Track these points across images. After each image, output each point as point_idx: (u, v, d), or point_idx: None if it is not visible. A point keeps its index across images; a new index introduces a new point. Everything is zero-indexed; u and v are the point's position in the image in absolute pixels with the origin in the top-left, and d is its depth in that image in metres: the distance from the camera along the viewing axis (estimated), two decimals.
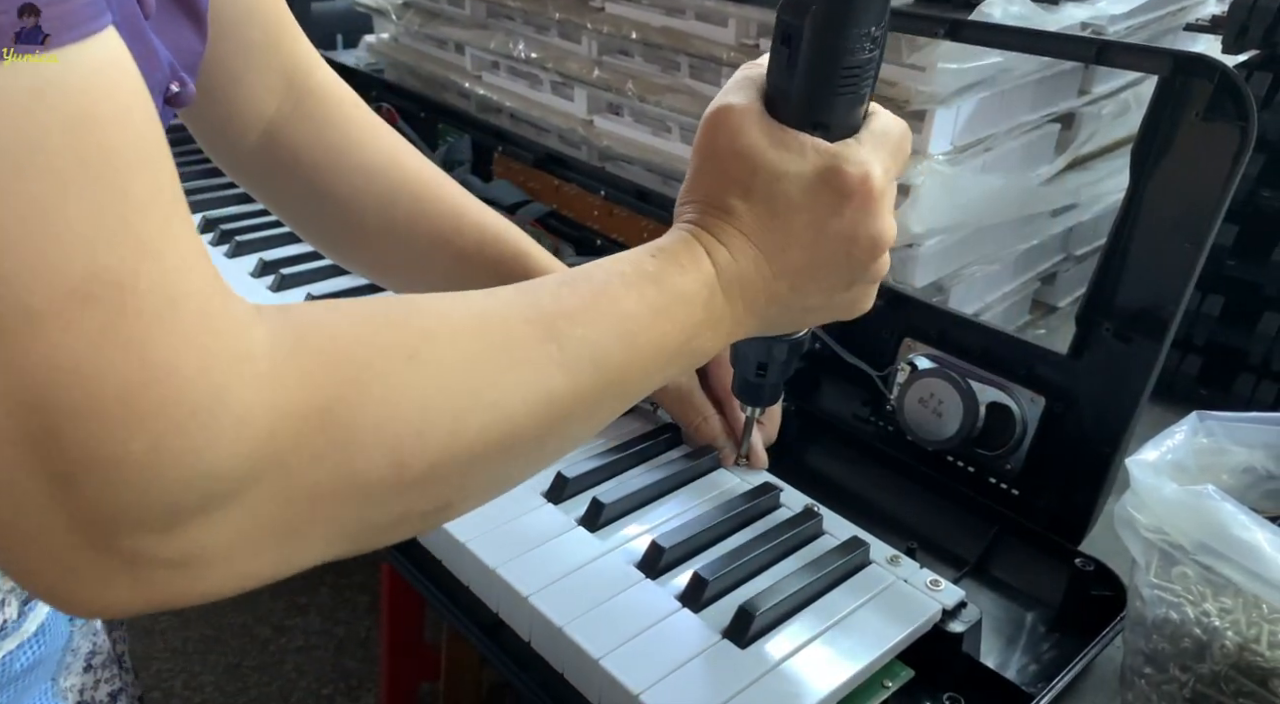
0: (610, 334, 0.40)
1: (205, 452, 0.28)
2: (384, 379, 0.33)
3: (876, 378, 0.79)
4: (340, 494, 0.32)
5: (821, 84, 0.44)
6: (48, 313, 0.26)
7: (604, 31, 1.00)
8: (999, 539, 0.69)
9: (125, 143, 0.28)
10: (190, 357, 0.28)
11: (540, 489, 0.67)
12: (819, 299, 0.48)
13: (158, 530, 0.29)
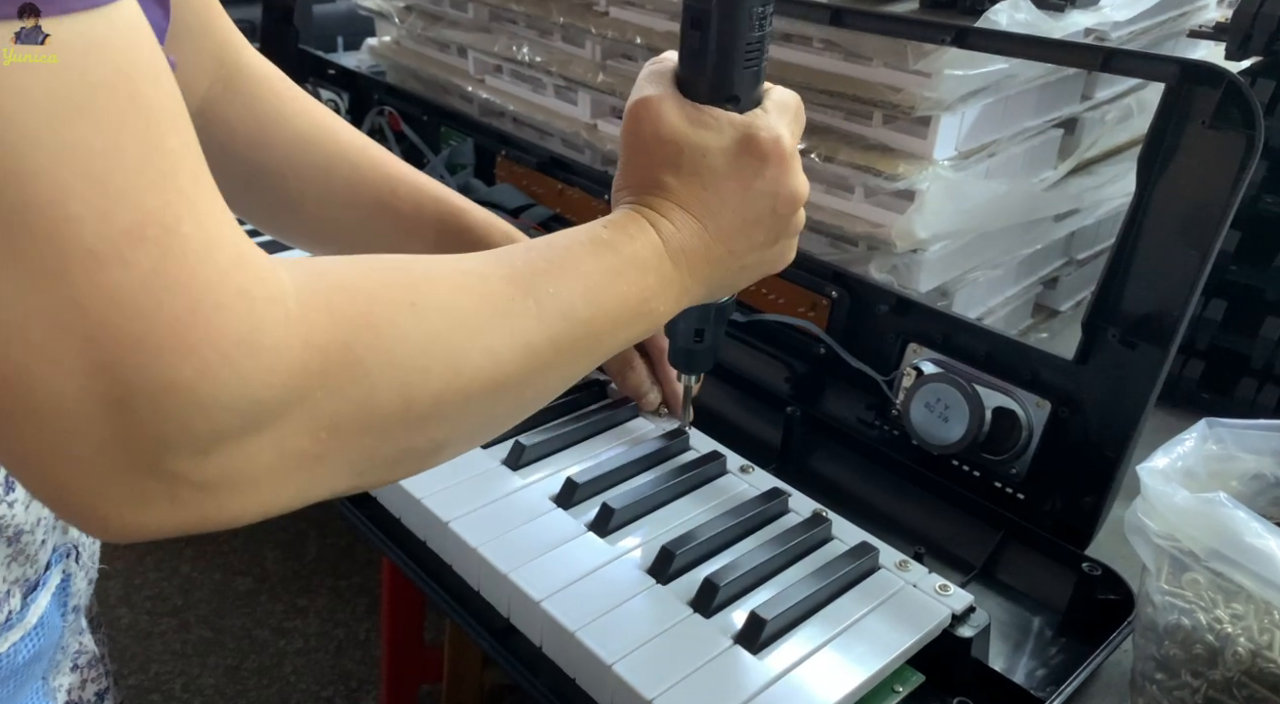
0: (576, 292, 0.44)
1: (245, 380, 0.31)
2: (392, 324, 0.36)
3: (882, 382, 0.79)
4: (356, 426, 0.35)
5: (730, 60, 0.50)
6: (106, 253, 0.29)
7: (608, 36, 1.00)
8: (1005, 543, 0.69)
9: (160, 99, 0.31)
10: (230, 295, 0.31)
11: (550, 494, 0.67)
12: (752, 257, 0.53)
13: (199, 454, 0.31)
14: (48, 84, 0.28)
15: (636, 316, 0.48)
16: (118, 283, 0.29)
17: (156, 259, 0.30)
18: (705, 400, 0.88)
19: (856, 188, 0.84)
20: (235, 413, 0.31)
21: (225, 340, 0.31)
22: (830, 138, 0.87)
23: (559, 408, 0.76)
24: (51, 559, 0.54)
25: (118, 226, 0.29)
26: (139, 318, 0.29)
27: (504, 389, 0.41)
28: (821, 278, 0.83)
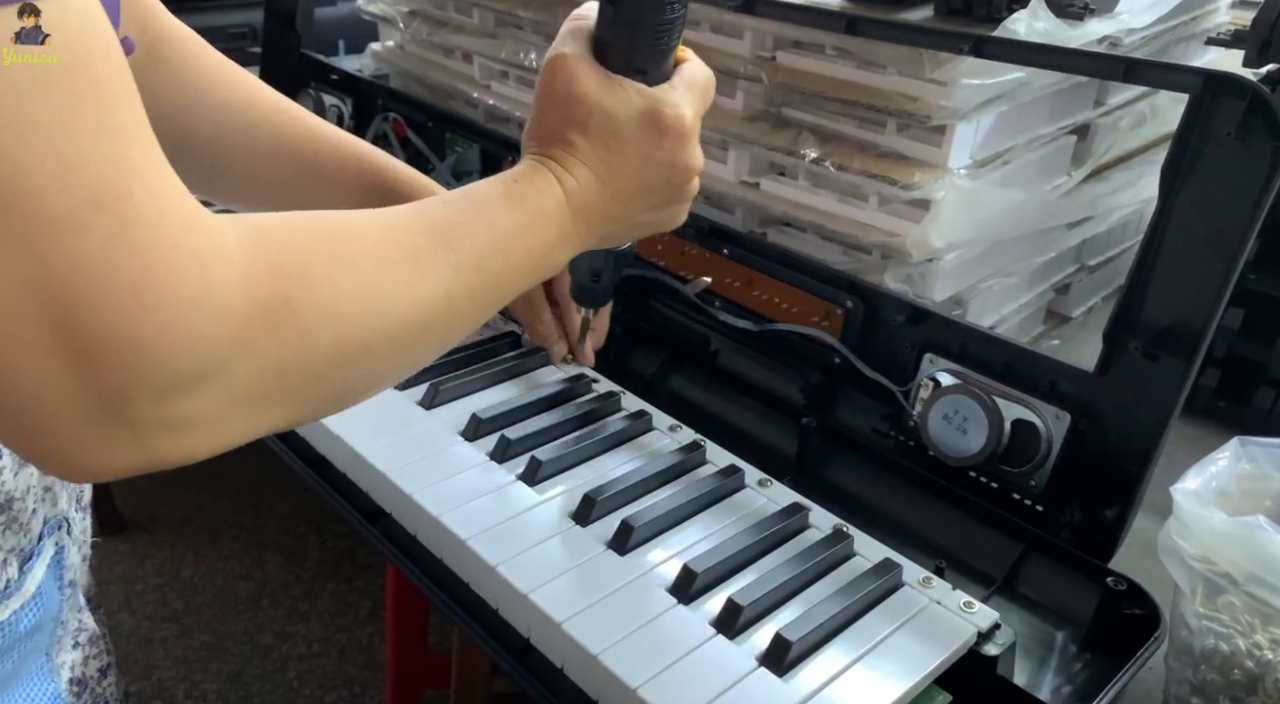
0: (489, 244, 0.48)
1: (198, 334, 0.35)
2: (328, 278, 0.40)
3: (898, 393, 0.78)
4: (298, 370, 0.39)
5: (640, 38, 0.53)
6: (67, 219, 0.31)
7: None
8: (1025, 556, 0.69)
9: (112, 77, 0.33)
10: (181, 257, 0.34)
11: (568, 511, 0.67)
12: (646, 216, 0.58)
13: (159, 400, 0.35)
14: (10, 68, 0.31)
15: (539, 267, 0.52)
16: (78, 248, 0.32)
17: (113, 226, 0.32)
18: (719, 411, 0.87)
19: (871, 196, 0.83)
20: (190, 363, 0.35)
21: (179, 299, 0.34)
22: (843, 145, 0.86)
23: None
24: (44, 531, 0.56)
25: (77, 196, 0.32)
26: (99, 280, 0.32)
27: (427, 331, 0.45)
28: (836, 287, 0.83)
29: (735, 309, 0.91)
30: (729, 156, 0.93)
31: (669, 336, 0.95)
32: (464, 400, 0.80)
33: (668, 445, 0.75)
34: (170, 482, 2.21)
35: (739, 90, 0.92)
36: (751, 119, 0.93)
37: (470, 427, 0.75)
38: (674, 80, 0.56)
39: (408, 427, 0.76)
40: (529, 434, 0.73)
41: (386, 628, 1.45)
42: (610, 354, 0.95)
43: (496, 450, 0.73)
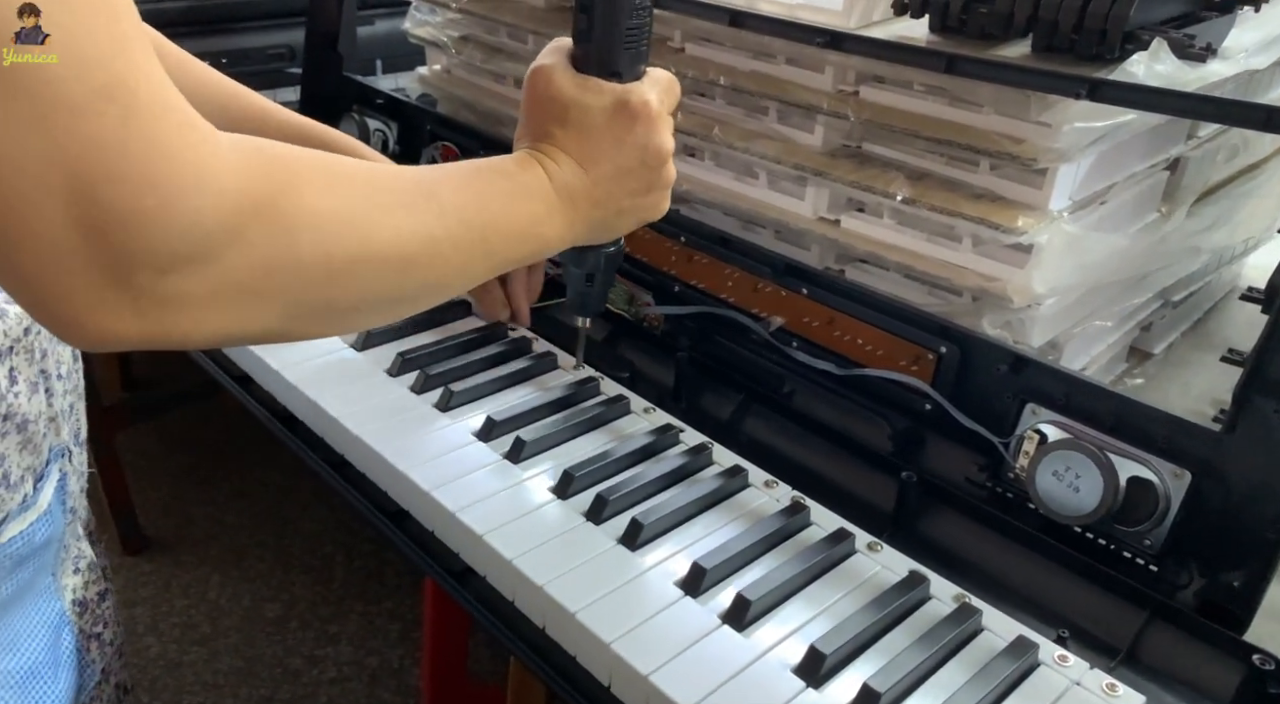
0: (474, 204, 0.53)
1: (195, 212, 0.39)
2: (314, 191, 0.45)
3: (999, 445, 0.76)
4: (284, 270, 0.43)
5: (611, 42, 0.60)
6: (82, 106, 0.36)
7: (688, 75, 0.96)
8: (1150, 624, 0.66)
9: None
10: (181, 146, 0.39)
11: (676, 578, 0.64)
12: (628, 202, 0.63)
13: (158, 272, 0.39)
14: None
15: (526, 236, 0.57)
16: (93, 130, 0.36)
17: (122, 113, 0.37)
18: (799, 457, 0.84)
19: (965, 238, 0.80)
20: (187, 240, 0.39)
21: (179, 180, 0.38)
22: (931, 184, 0.83)
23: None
24: (50, 456, 0.62)
25: (90, 87, 0.36)
26: (110, 158, 0.37)
27: (409, 266, 0.49)
28: (927, 331, 0.80)
29: (813, 349, 0.89)
30: (806, 192, 0.91)
31: (740, 376, 0.92)
32: (551, 451, 0.77)
33: (767, 506, 0.72)
34: (193, 500, 2.18)
35: (818, 125, 0.89)
36: (830, 154, 0.90)
37: (562, 483, 0.73)
38: (642, 79, 0.63)
39: (501, 478, 0.73)
40: (625, 493, 0.71)
41: (423, 658, 1.42)
42: (682, 394, 0.93)
43: (592, 509, 0.70)
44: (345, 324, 0.51)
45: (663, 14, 0.97)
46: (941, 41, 0.81)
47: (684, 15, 0.94)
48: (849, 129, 0.88)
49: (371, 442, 0.76)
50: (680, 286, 1.00)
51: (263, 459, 2.29)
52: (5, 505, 0.57)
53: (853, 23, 0.85)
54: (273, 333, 0.46)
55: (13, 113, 0.35)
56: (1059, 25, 0.72)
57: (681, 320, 0.99)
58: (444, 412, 0.81)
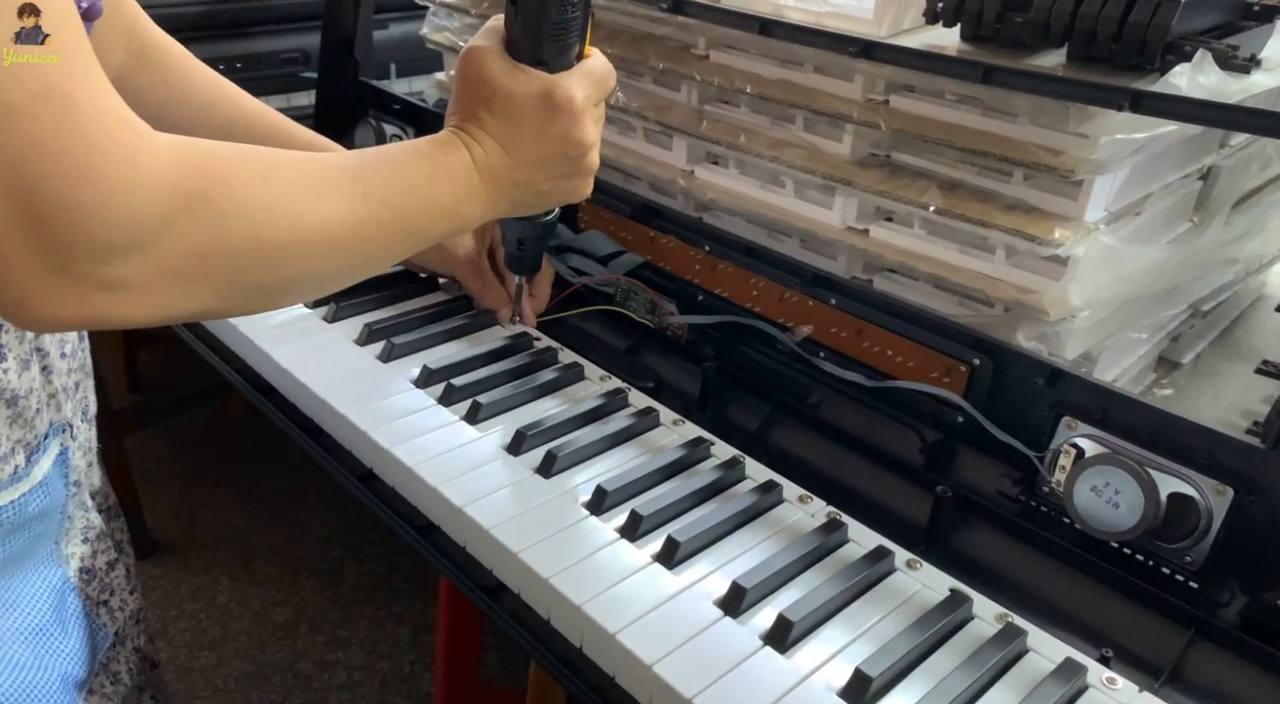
0: (398, 187, 0.56)
1: (128, 206, 0.43)
2: (245, 183, 0.48)
3: (1034, 459, 0.75)
4: (217, 256, 0.47)
5: (539, 34, 0.62)
6: (20, 108, 0.40)
7: (714, 83, 0.96)
8: (1194, 643, 0.65)
9: (55, 4, 0.41)
10: (115, 144, 0.43)
11: (715, 599, 0.63)
12: (549, 185, 0.65)
13: (98, 261, 0.43)
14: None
15: (448, 215, 0.60)
16: (30, 130, 0.40)
17: (58, 115, 0.41)
18: (827, 468, 0.84)
19: (998, 249, 0.80)
20: (123, 231, 0.43)
21: (113, 176, 0.42)
22: (962, 194, 0.82)
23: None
24: (49, 431, 0.64)
25: (27, 91, 0.40)
26: (47, 157, 0.40)
27: (335, 248, 0.53)
28: (959, 342, 0.79)
29: (841, 360, 0.88)
30: (835, 201, 0.90)
31: (766, 386, 0.91)
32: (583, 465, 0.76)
33: (803, 522, 0.71)
34: (201, 503, 2.18)
35: (847, 133, 0.88)
36: (859, 163, 0.89)
37: (595, 499, 0.72)
38: (572, 70, 0.64)
39: (533, 494, 0.72)
40: (661, 508, 0.70)
41: (436, 662, 1.41)
42: (708, 405, 0.92)
43: (627, 525, 0.69)
44: (275, 302, 0.55)
45: (687, 21, 0.96)
46: (973, 50, 0.81)
47: (710, 23, 0.93)
48: (878, 138, 0.88)
49: (404, 457, 0.75)
50: (704, 295, 0.99)
51: (270, 462, 2.28)
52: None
53: (883, 31, 0.84)
54: (208, 312, 0.50)
55: None
56: (1097, 35, 0.71)
57: (705, 329, 0.98)
58: (473, 424, 0.80)
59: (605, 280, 1.05)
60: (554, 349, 0.91)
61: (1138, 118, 0.69)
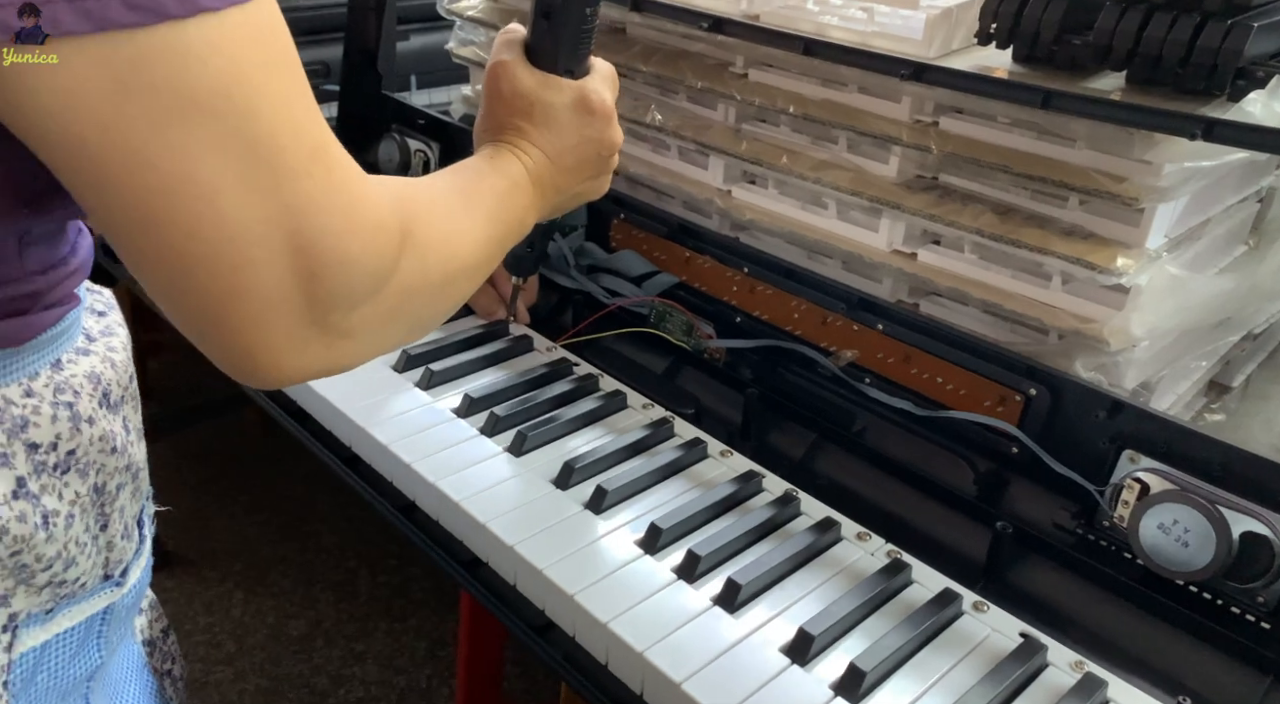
0: (495, 204, 0.59)
1: (379, 253, 0.45)
2: (430, 218, 0.50)
3: (1095, 492, 0.73)
4: (419, 291, 0.49)
5: (569, 44, 0.65)
6: (299, 169, 0.41)
7: (755, 103, 0.94)
8: (1273, 690, 0.63)
9: (296, 56, 0.42)
10: (363, 193, 0.44)
11: (782, 645, 0.61)
12: (582, 186, 0.69)
13: (350, 308, 0.44)
14: (259, 48, 0.39)
15: (520, 225, 0.63)
16: (309, 190, 0.41)
17: (325, 171, 0.42)
18: (878, 498, 0.82)
19: (1054, 276, 0.78)
20: (372, 277, 0.45)
21: (368, 225, 0.44)
22: (1013, 218, 0.81)
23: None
24: (144, 499, 0.62)
25: (304, 151, 0.41)
26: (322, 213, 0.41)
27: (480, 270, 0.57)
28: (1014, 371, 0.78)
29: (888, 386, 0.86)
30: (881, 224, 0.88)
31: (808, 412, 0.89)
32: (633, 499, 0.75)
33: (864, 562, 0.69)
34: (213, 514, 2.16)
35: (893, 155, 0.87)
36: (905, 185, 0.87)
37: (650, 537, 0.70)
38: (591, 75, 0.67)
39: (585, 531, 0.71)
40: (718, 548, 0.68)
41: (458, 679, 1.40)
42: (751, 432, 0.90)
43: (684, 565, 0.68)
44: (430, 330, 0.57)
45: (724, 39, 0.95)
46: (1027, 72, 0.79)
47: (752, 43, 0.91)
48: (925, 160, 0.86)
49: (450, 492, 0.73)
50: (742, 317, 0.97)
51: (281, 472, 2.27)
52: (125, 555, 0.57)
53: (932, 52, 0.82)
54: (391, 350, 0.53)
55: (251, 179, 0.39)
56: (1163, 59, 0.69)
57: (744, 352, 0.96)
58: (518, 456, 0.78)
59: (640, 302, 1.03)
60: (594, 376, 0.89)
61: (1204, 144, 0.68)
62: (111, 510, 0.54)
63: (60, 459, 0.49)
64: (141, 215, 0.39)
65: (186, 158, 0.38)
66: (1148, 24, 0.69)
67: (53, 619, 0.51)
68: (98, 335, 0.54)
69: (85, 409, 0.50)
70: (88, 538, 0.52)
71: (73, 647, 0.53)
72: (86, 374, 0.52)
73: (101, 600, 0.55)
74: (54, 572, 0.50)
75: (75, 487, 0.50)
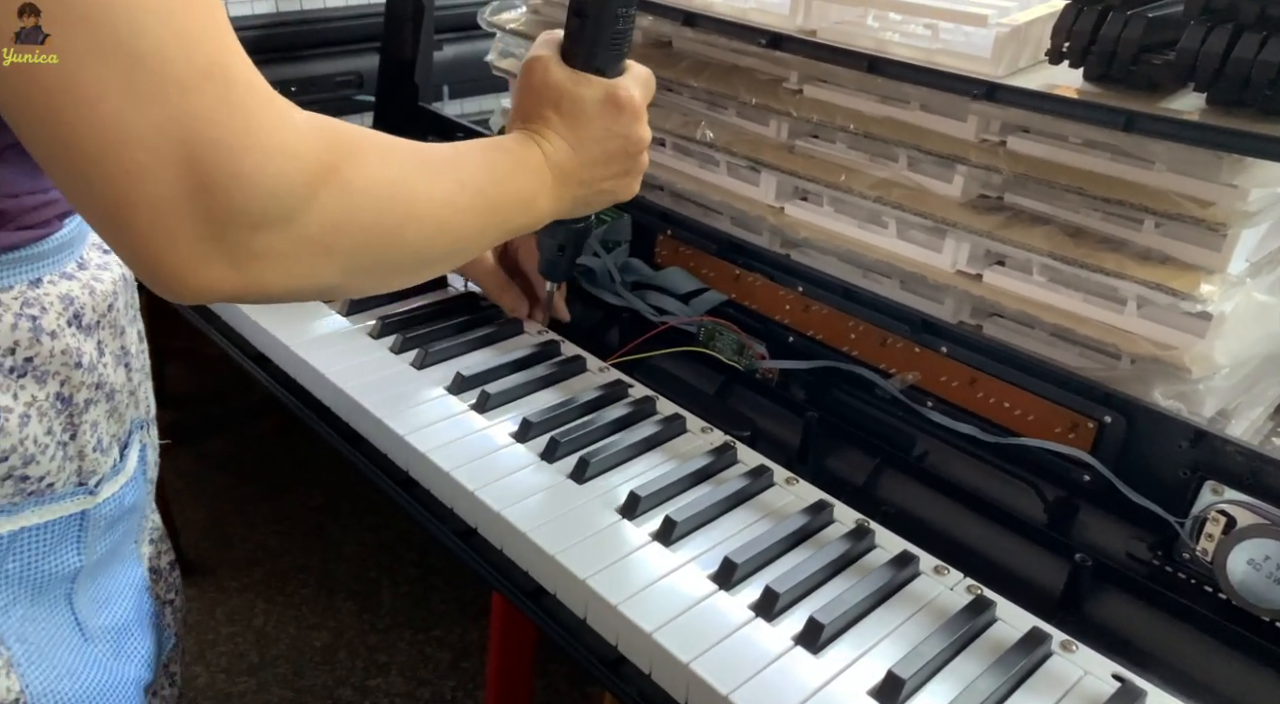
0: (487, 177, 0.60)
1: (280, 176, 0.45)
2: (370, 162, 0.51)
3: (1175, 524, 0.71)
4: (347, 229, 0.50)
5: (600, 42, 0.67)
6: (190, 83, 0.42)
7: (813, 120, 0.92)
8: None
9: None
10: (268, 116, 0.45)
11: (867, 691, 0.59)
12: (608, 184, 0.70)
13: (251, 229, 0.45)
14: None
15: (525, 208, 0.64)
16: (199, 104, 0.42)
17: (222, 89, 0.43)
18: (948, 527, 0.80)
19: (1129, 300, 0.76)
20: (275, 200, 0.45)
21: (268, 147, 0.44)
22: (1084, 240, 0.79)
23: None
24: (132, 426, 0.66)
25: (196, 66, 0.42)
26: (214, 128, 0.43)
27: (442, 229, 0.56)
28: (1088, 398, 0.76)
29: (951, 410, 0.84)
30: (945, 245, 0.86)
31: (866, 434, 0.88)
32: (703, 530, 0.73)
33: (945, 599, 0.67)
34: (233, 522, 2.14)
35: (957, 174, 0.85)
36: (970, 205, 0.85)
37: (724, 571, 0.69)
38: (624, 75, 0.70)
39: (658, 563, 0.69)
40: (796, 584, 0.66)
41: (486, 688, 1.38)
42: (809, 455, 0.88)
43: (762, 602, 0.66)
44: (387, 282, 0.58)
45: (779, 55, 0.93)
46: (1100, 92, 0.77)
47: (812, 59, 0.89)
48: (990, 179, 0.84)
49: (516, 521, 0.72)
50: (795, 337, 0.96)
51: (300, 480, 2.25)
52: (100, 468, 0.61)
53: (1001, 70, 0.80)
54: (332, 288, 0.52)
55: (135, 87, 0.41)
56: (1251, 79, 0.68)
57: (798, 373, 0.94)
58: (580, 483, 0.77)
59: (691, 321, 1.01)
60: (651, 398, 0.88)
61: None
62: (80, 421, 0.59)
63: (17, 363, 0.54)
64: (40, 116, 0.42)
65: (69, 60, 0.40)
66: (1235, 44, 0.68)
67: (19, 512, 0.57)
68: (92, 266, 0.60)
69: (50, 324, 0.55)
70: (50, 440, 0.57)
71: (47, 543, 0.59)
72: (60, 295, 0.56)
73: (74, 505, 0.60)
74: (11, 465, 0.55)
75: (32, 390, 0.55)
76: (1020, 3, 0.85)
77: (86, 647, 0.64)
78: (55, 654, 0.61)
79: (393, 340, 0.94)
